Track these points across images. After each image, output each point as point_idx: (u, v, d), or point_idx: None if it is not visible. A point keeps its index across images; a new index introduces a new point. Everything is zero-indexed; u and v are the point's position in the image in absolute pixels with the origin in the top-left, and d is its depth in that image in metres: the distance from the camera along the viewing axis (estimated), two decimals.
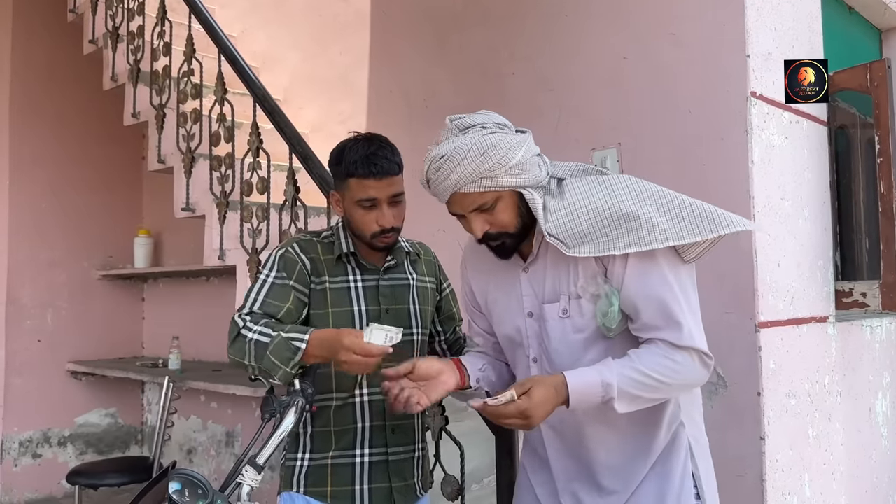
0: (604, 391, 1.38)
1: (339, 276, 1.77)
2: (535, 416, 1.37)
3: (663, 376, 1.41)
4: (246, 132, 3.04)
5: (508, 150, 1.43)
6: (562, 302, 1.51)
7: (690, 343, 1.43)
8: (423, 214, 2.04)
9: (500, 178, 1.44)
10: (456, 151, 1.44)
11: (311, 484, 1.74)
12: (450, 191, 1.47)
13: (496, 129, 1.47)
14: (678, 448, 1.52)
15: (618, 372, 1.39)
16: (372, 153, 1.67)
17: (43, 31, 4.77)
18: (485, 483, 2.82)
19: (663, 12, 2.73)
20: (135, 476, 3.42)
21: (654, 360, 1.41)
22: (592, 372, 1.41)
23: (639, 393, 1.40)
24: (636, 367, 1.40)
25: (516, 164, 1.44)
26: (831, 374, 2.84)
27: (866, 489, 3.08)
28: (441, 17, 3.66)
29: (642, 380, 1.40)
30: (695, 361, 1.44)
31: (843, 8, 3.65)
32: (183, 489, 1.24)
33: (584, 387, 1.39)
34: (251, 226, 2.94)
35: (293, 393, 1.48)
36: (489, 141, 1.43)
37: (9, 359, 4.58)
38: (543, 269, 1.54)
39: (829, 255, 2.90)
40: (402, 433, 1.79)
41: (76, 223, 4.91)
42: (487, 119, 1.49)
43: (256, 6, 4.95)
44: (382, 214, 1.69)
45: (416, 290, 1.86)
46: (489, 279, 1.67)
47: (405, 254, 1.87)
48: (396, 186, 1.71)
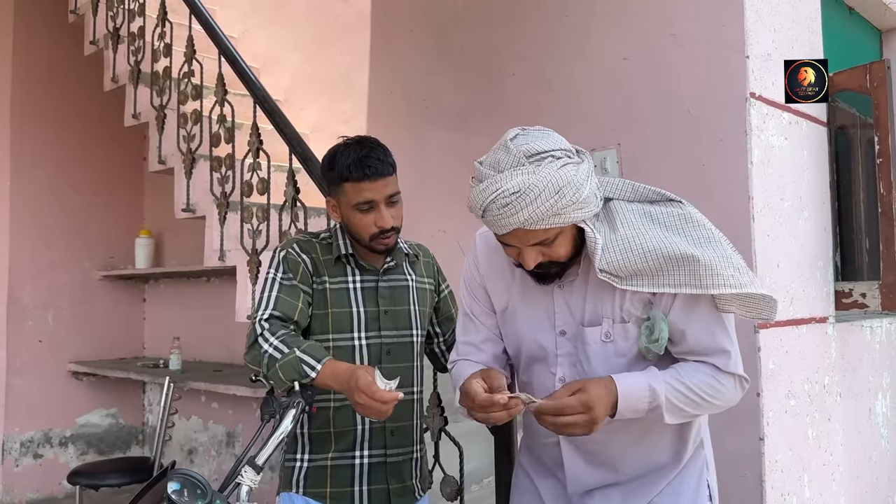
0: (651, 397, 1.36)
1: (338, 277, 1.77)
2: (597, 410, 1.32)
3: (706, 395, 1.41)
4: (246, 133, 3.04)
5: (580, 186, 1.32)
6: (605, 325, 1.45)
7: (735, 370, 1.44)
8: (422, 215, 2.04)
9: (569, 214, 1.33)
10: (531, 189, 1.29)
11: (311, 485, 1.75)
12: (514, 227, 1.33)
13: (565, 158, 1.33)
14: (696, 460, 1.54)
15: (664, 381, 1.38)
16: (364, 156, 1.67)
17: (44, 31, 4.78)
18: (484, 484, 2.82)
19: (664, 13, 2.73)
20: (136, 476, 3.43)
21: (700, 378, 1.41)
22: (639, 377, 1.38)
23: (682, 406, 1.39)
24: (682, 380, 1.39)
25: (584, 199, 1.34)
26: (831, 375, 2.84)
27: (866, 490, 3.08)
28: (442, 18, 3.67)
29: (686, 393, 1.39)
30: (736, 386, 1.45)
31: (844, 8, 3.65)
32: (182, 489, 1.25)
33: (632, 390, 1.36)
34: (251, 226, 2.94)
35: (293, 394, 1.49)
36: (564, 177, 1.30)
37: (10, 359, 4.59)
38: (584, 289, 1.47)
39: (828, 256, 2.90)
40: (402, 435, 1.79)
41: (77, 224, 4.92)
42: (555, 144, 1.35)
43: (257, 7, 4.95)
44: (381, 216, 1.69)
45: (416, 291, 1.86)
46: (513, 285, 1.56)
47: (404, 255, 1.88)
48: (392, 187, 1.71)
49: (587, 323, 1.47)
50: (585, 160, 1.37)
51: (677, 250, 1.36)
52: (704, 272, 1.36)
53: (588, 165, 1.36)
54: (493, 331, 1.63)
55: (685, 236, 1.40)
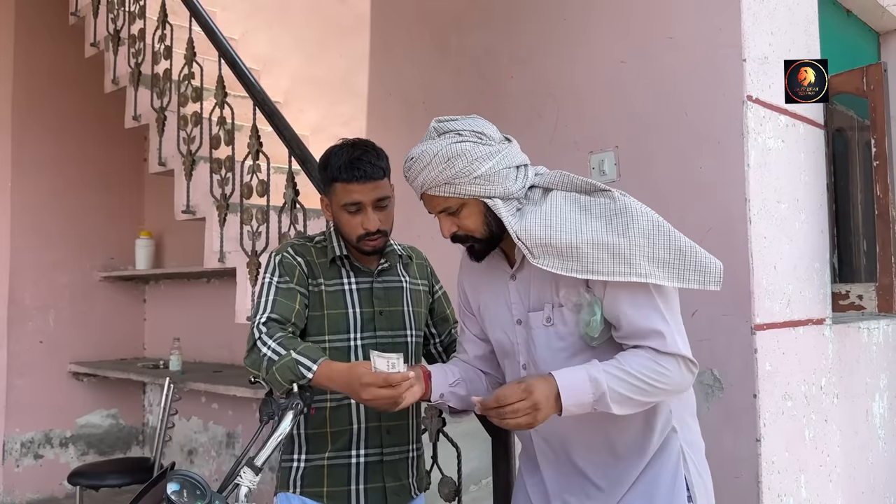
0: (593, 388, 1.39)
1: (333, 279, 1.79)
2: (537, 394, 1.36)
3: (650, 379, 1.41)
4: (246, 135, 3.05)
5: (473, 161, 1.46)
6: (546, 310, 1.53)
7: (675, 349, 1.44)
8: (420, 218, 2.05)
9: (462, 186, 1.47)
10: (423, 155, 1.48)
11: (308, 485, 1.76)
12: (419, 191, 1.53)
13: (470, 138, 1.47)
14: (669, 453, 1.53)
15: (603, 370, 1.40)
16: (356, 158, 1.70)
17: (45, 33, 4.80)
18: (482, 484, 2.83)
19: (661, 16, 2.74)
20: (136, 477, 3.44)
21: (640, 363, 1.42)
22: (578, 370, 1.42)
23: (628, 393, 1.40)
24: (622, 367, 1.41)
25: (481, 175, 1.46)
26: (828, 376, 2.85)
27: (863, 490, 3.09)
28: (440, 21, 3.68)
29: (629, 380, 1.40)
30: (680, 367, 1.45)
31: (841, 11, 3.66)
32: (181, 490, 1.26)
33: (572, 381, 1.39)
34: (251, 228, 2.95)
35: (291, 396, 1.50)
36: (455, 150, 1.46)
37: (11, 360, 4.60)
38: (529, 277, 1.56)
39: (825, 258, 2.92)
40: (397, 434, 1.81)
41: (78, 225, 4.94)
42: (467, 126, 1.50)
43: (257, 9, 4.97)
44: (367, 218, 1.72)
45: (410, 292, 1.88)
46: (481, 284, 1.68)
47: (398, 256, 1.90)
48: (381, 191, 1.73)
49: (532, 308, 1.55)
50: (502, 147, 1.50)
51: (592, 237, 1.42)
52: (614, 260, 1.41)
53: (497, 150, 1.48)
54: (474, 332, 1.74)
55: (607, 224, 1.44)
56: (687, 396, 1.62)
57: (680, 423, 1.56)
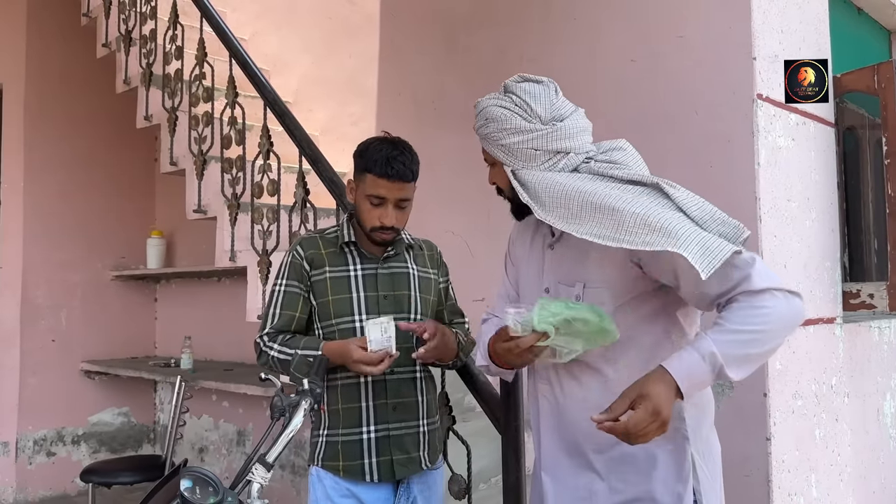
0: (710, 364, 1.32)
1: (339, 266, 1.91)
2: (665, 411, 1.29)
3: (759, 324, 1.33)
4: (257, 135, 3.07)
5: (502, 130, 1.52)
6: (576, 287, 1.52)
7: (767, 284, 1.35)
8: (430, 216, 2.07)
9: (491, 146, 1.57)
10: (478, 104, 1.59)
11: (326, 458, 1.88)
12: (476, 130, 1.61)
13: (514, 108, 1.52)
14: (679, 461, 1.47)
15: (712, 339, 1.33)
16: (392, 157, 1.80)
17: (57, 34, 4.82)
18: (492, 482, 2.84)
19: (671, 15, 2.74)
20: (147, 474, 3.45)
21: (740, 315, 1.34)
22: (689, 352, 1.34)
23: (745, 350, 1.33)
24: (727, 327, 1.34)
25: (506, 145, 1.53)
26: (839, 375, 2.84)
27: (874, 490, 3.08)
28: (449, 20, 3.69)
29: (741, 337, 1.33)
30: (779, 299, 1.35)
31: (852, 9, 3.64)
32: (194, 487, 1.27)
33: (689, 370, 1.32)
34: (262, 227, 2.97)
35: (302, 392, 1.51)
36: (494, 113, 1.53)
37: (24, 358, 4.63)
38: (569, 251, 1.56)
39: (836, 257, 2.91)
40: (404, 410, 1.90)
41: (89, 225, 4.96)
42: (525, 93, 1.53)
43: (267, 10, 4.99)
44: (386, 213, 1.83)
45: (417, 279, 1.96)
46: (524, 244, 1.71)
47: (405, 246, 1.98)
48: (405, 192, 1.84)
49: (564, 281, 1.55)
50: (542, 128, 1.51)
51: (600, 200, 1.41)
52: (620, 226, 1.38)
53: (540, 132, 1.50)
54: (512, 287, 1.76)
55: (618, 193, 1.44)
56: (705, 404, 1.56)
57: (694, 432, 1.49)
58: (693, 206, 1.42)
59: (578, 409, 1.52)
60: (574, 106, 1.61)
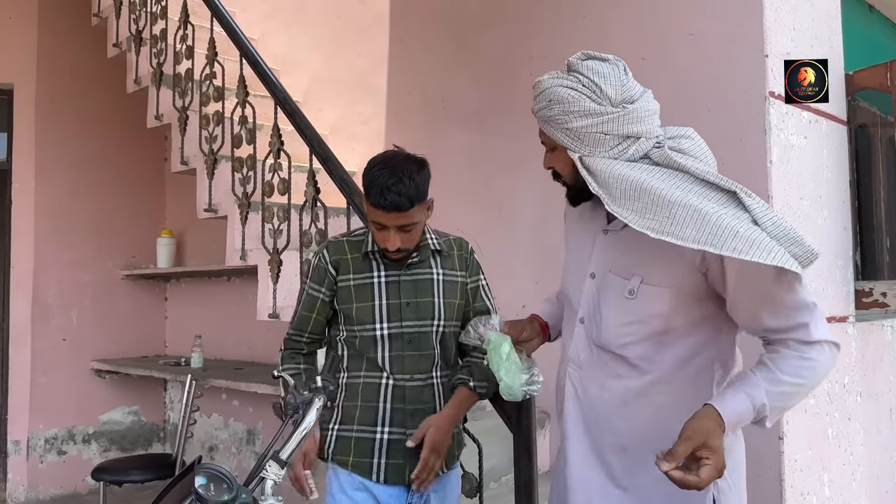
0: (757, 411, 1.32)
1: (363, 273, 1.89)
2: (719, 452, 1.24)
3: (803, 378, 1.33)
4: (267, 134, 3.08)
5: (569, 113, 1.42)
6: (632, 281, 1.44)
7: (821, 336, 1.33)
8: (440, 214, 2.06)
9: (554, 130, 1.46)
10: (539, 85, 1.48)
11: (337, 452, 1.88)
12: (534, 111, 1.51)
13: (582, 89, 1.41)
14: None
15: (766, 390, 1.31)
16: (387, 187, 1.71)
17: (68, 34, 4.84)
18: (503, 481, 2.84)
19: (682, 13, 2.73)
20: (158, 473, 3.47)
21: (794, 364, 1.33)
22: (740, 395, 1.32)
23: (788, 403, 1.35)
24: (779, 378, 1.32)
25: (572, 129, 1.42)
26: (851, 374, 2.83)
27: (887, 489, 3.06)
28: (458, 19, 3.68)
29: (787, 389, 1.33)
30: (827, 353, 1.34)
31: (864, 6, 3.63)
32: (208, 483, 1.27)
33: (739, 414, 1.31)
34: (272, 226, 2.98)
35: (315, 390, 1.51)
36: (559, 94, 1.43)
37: (35, 357, 4.66)
38: (625, 241, 1.47)
39: (848, 255, 2.89)
40: (422, 416, 1.87)
41: (100, 224, 4.99)
42: (593, 72, 1.42)
43: (276, 9, 5.00)
44: (387, 238, 1.78)
45: (442, 284, 1.92)
46: (576, 225, 1.65)
47: (431, 251, 1.93)
48: (405, 219, 1.75)
49: (616, 271, 1.48)
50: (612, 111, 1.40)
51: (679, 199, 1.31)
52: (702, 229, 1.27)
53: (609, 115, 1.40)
54: None
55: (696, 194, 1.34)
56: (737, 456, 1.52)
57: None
58: (768, 221, 1.32)
59: (602, 399, 1.51)
60: (643, 87, 1.48)
